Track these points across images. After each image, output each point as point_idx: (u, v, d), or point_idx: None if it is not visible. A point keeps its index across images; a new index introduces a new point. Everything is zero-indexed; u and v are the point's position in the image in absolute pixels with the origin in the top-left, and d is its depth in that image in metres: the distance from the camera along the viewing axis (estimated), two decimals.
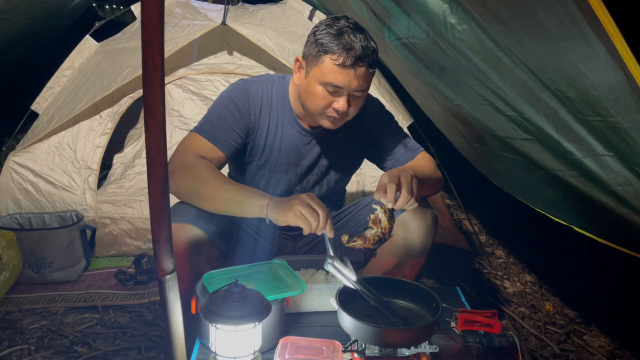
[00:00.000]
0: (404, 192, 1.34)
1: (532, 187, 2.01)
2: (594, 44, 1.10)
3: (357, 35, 1.42)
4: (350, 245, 1.38)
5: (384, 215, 1.36)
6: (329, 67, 1.42)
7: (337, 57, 1.41)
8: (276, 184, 1.67)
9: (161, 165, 0.97)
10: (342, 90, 1.44)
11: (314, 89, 1.46)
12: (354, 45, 1.41)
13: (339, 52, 1.41)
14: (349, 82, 1.42)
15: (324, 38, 1.44)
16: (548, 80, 1.32)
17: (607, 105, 1.21)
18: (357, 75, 1.42)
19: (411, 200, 1.36)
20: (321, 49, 1.43)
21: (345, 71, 1.41)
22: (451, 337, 1.35)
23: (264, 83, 1.62)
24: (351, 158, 1.75)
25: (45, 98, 2.80)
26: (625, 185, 1.38)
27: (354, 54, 1.40)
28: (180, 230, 1.43)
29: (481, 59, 1.49)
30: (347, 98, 1.45)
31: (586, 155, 1.42)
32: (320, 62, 1.44)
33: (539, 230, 2.85)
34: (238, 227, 1.65)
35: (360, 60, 1.41)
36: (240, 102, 1.57)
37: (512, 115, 1.58)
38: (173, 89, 2.69)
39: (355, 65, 1.41)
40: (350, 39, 1.41)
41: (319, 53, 1.44)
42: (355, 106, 1.50)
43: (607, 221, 1.66)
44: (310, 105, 1.50)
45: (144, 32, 0.88)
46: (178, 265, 1.05)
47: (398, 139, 1.70)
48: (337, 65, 1.41)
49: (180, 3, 2.90)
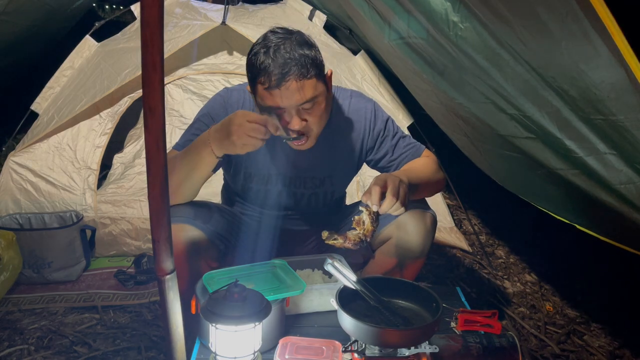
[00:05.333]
0: (389, 195, 1.31)
1: (534, 185, 2.01)
2: (596, 42, 1.09)
3: (278, 50, 1.35)
4: (330, 242, 1.36)
5: (368, 217, 1.34)
6: (262, 93, 1.38)
7: (263, 81, 1.36)
8: (266, 196, 1.64)
9: (161, 165, 0.97)
10: (286, 109, 1.38)
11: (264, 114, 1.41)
12: (275, 62, 1.34)
13: (264, 75, 1.35)
14: (284, 101, 1.36)
15: (251, 63, 1.39)
16: (550, 78, 1.32)
17: (608, 103, 1.21)
18: (290, 92, 1.35)
19: (396, 204, 1.32)
20: (251, 76, 1.40)
21: (275, 92, 1.35)
22: (451, 337, 1.35)
23: (246, 91, 1.56)
24: (344, 167, 1.69)
25: (45, 98, 2.80)
26: (627, 184, 1.38)
27: (277, 72, 1.34)
28: (179, 231, 1.43)
29: (483, 57, 1.49)
30: (297, 115, 1.39)
31: (588, 154, 1.42)
32: (256, 89, 1.40)
33: (539, 230, 2.84)
34: (237, 228, 1.65)
35: (284, 76, 1.33)
36: (215, 112, 1.55)
37: (514, 113, 1.58)
38: (173, 89, 2.68)
39: (281, 83, 1.34)
40: (270, 57, 1.35)
41: (251, 80, 1.41)
42: (313, 118, 1.42)
43: (609, 219, 1.65)
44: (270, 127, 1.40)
45: (144, 32, 0.88)
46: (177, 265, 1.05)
47: (396, 141, 1.64)
48: (265, 89, 1.36)
49: (180, 3, 2.90)
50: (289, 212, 1.70)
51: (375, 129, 1.63)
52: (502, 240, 2.92)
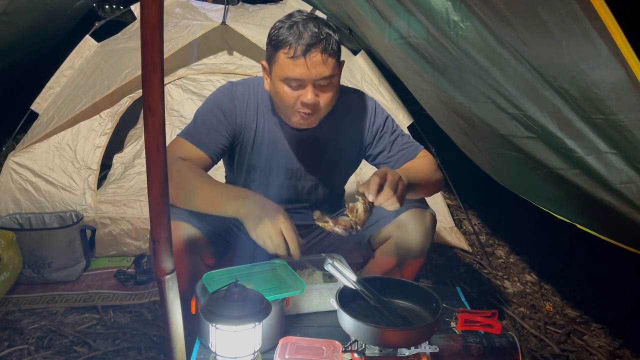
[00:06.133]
0: (387, 188, 1.33)
1: (535, 185, 2.01)
2: (596, 41, 1.09)
3: (307, 24, 1.42)
4: (321, 224, 1.37)
5: (362, 206, 1.35)
6: (284, 62, 1.42)
7: (288, 50, 1.41)
8: (268, 189, 1.65)
9: (161, 165, 0.97)
10: (303, 82, 1.43)
11: (279, 88, 1.46)
12: (303, 34, 1.40)
13: (289, 45, 1.41)
14: (306, 72, 1.41)
15: (275, 35, 1.45)
16: (550, 77, 1.32)
17: (609, 103, 1.21)
18: (313, 63, 1.41)
19: (392, 198, 1.33)
20: (274, 46, 1.44)
21: (299, 62, 1.40)
22: (451, 337, 1.35)
23: (251, 85, 1.62)
24: (344, 160, 1.71)
25: (45, 98, 2.80)
26: (627, 183, 1.38)
27: (304, 42, 1.39)
28: (175, 229, 1.42)
29: (484, 57, 1.49)
30: (312, 89, 1.44)
31: (589, 153, 1.42)
32: (276, 60, 1.45)
33: (539, 230, 2.84)
34: (239, 231, 1.65)
35: (311, 47, 1.40)
36: (225, 105, 1.57)
37: (514, 113, 1.58)
38: (173, 89, 2.68)
39: (307, 54, 1.40)
40: (299, 30, 1.41)
41: (273, 51, 1.46)
42: (325, 97, 1.47)
43: (610, 219, 1.65)
44: (281, 105, 1.50)
45: (144, 32, 0.88)
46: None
47: (395, 138, 1.67)
48: (290, 58, 1.41)
49: (180, 3, 2.89)
50: (289, 206, 1.71)
51: (375, 125, 1.66)
52: (502, 240, 2.91)
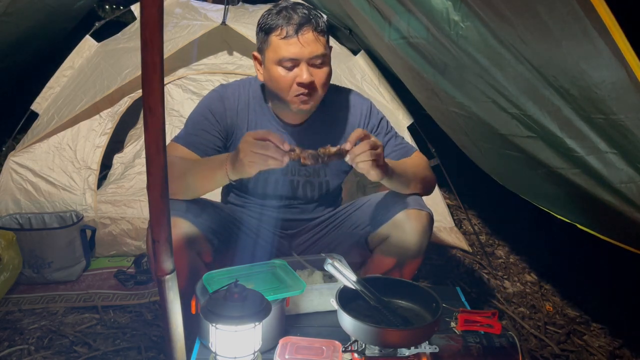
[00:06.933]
0: (366, 142, 1.37)
1: (535, 184, 2.01)
2: (596, 41, 1.09)
3: (295, 7, 1.48)
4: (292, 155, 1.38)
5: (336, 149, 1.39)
6: (277, 44, 1.47)
7: (280, 32, 1.46)
8: (263, 185, 1.66)
9: (161, 165, 0.97)
10: (297, 61, 1.47)
11: (273, 72, 1.49)
12: (293, 15, 1.46)
13: (280, 26, 1.46)
14: (299, 50, 1.45)
15: (265, 21, 1.50)
16: (551, 77, 1.32)
17: (609, 103, 1.21)
18: (306, 41, 1.45)
19: (367, 154, 1.36)
20: (265, 32, 1.49)
21: (292, 41, 1.45)
22: (451, 337, 1.35)
23: (240, 85, 1.66)
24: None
25: (45, 98, 2.80)
26: (628, 183, 1.38)
27: (295, 22, 1.45)
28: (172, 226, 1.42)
29: (484, 56, 1.49)
30: (307, 68, 1.47)
31: (589, 153, 1.42)
32: (269, 44, 1.49)
33: (539, 230, 2.84)
34: (237, 229, 1.65)
35: (302, 26, 1.45)
36: (215, 106, 1.60)
37: (515, 112, 1.58)
38: (173, 89, 2.68)
39: (299, 32, 1.45)
40: (288, 12, 1.47)
41: (265, 37, 1.50)
42: (319, 76, 1.50)
43: (610, 218, 1.65)
44: (277, 90, 1.51)
45: (144, 32, 0.88)
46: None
47: (389, 139, 1.69)
48: (282, 38, 1.46)
49: (180, 3, 2.89)
50: (285, 202, 1.71)
51: (369, 125, 1.69)
52: (502, 240, 2.91)
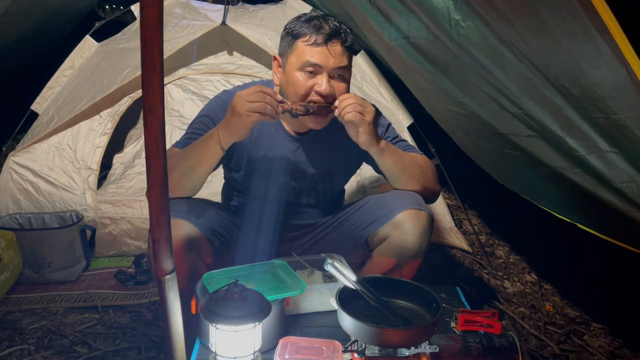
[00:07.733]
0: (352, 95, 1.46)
1: (536, 184, 2.01)
2: (597, 41, 1.09)
3: (326, 19, 1.49)
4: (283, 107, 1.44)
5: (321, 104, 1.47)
6: (303, 49, 1.47)
7: (308, 38, 1.46)
8: (266, 192, 1.66)
9: (160, 165, 0.97)
10: (320, 69, 1.47)
11: (293, 77, 1.49)
12: (323, 25, 1.47)
13: (310, 33, 1.46)
14: (325, 59, 1.46)
15: (294, 27, 1.50)
16: (552, 76, 1.32)
17: (610, 102, 1.21)
18: (333, 52, 1.46)
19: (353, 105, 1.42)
20: (293, 36, 1.49)
21: (319, 49, 1.46)
22: (451, 337, 1.35)
23: None
24: (344, 165, 1.73)
25: (45, 98, 2.80)
26: (629, 182, 1.38)
27: (325, 32, 1.46)
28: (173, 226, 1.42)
29: (485, 56, 1.49)
30: (328, 78, 1.48)
31: (590, 152, 1.42)
32: (295, 49, 1.49)
33: (539, 230, 2.84)
34: (238, 230, 1.65)
35: (332, 37, 1.46)
36: (214, 113, 1.60)
37: (516, 112, 1.58)
38: (173, 89, 2.68)
39: (328, 42, 1.46)
40: (319, 22, 1.48)
41: (291, 41, 1.50)
42: (339, 89, 1.50)
43: (611, 218, 1.65)
44: (293, 95, 1.51)
45: (144, 32, 0.88)
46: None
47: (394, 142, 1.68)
48: (311, 45, 1.46)
49: (180, 3, 2.89)
50: (288, 207, 1.71)
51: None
52: (502, 240, 2.91)
